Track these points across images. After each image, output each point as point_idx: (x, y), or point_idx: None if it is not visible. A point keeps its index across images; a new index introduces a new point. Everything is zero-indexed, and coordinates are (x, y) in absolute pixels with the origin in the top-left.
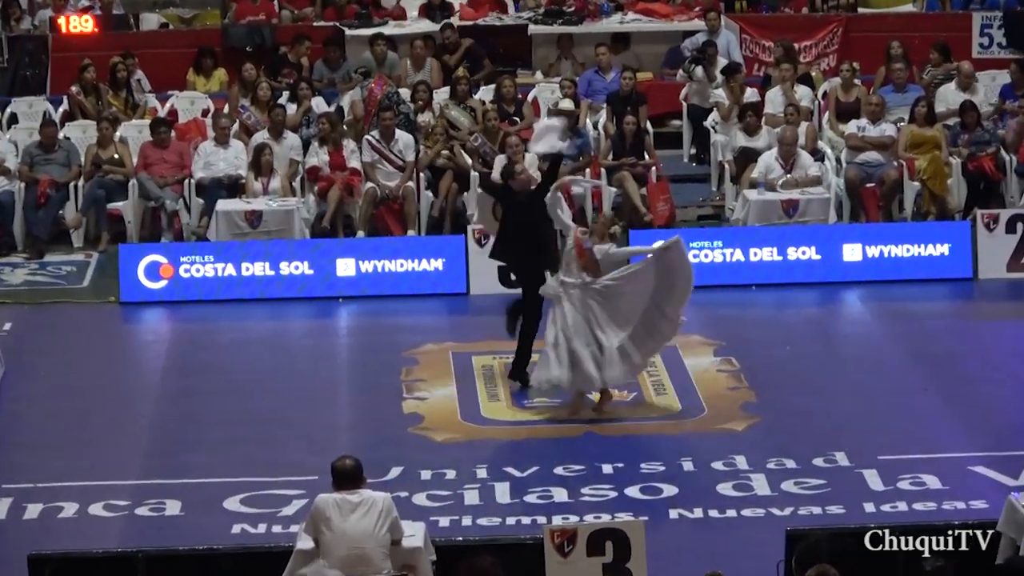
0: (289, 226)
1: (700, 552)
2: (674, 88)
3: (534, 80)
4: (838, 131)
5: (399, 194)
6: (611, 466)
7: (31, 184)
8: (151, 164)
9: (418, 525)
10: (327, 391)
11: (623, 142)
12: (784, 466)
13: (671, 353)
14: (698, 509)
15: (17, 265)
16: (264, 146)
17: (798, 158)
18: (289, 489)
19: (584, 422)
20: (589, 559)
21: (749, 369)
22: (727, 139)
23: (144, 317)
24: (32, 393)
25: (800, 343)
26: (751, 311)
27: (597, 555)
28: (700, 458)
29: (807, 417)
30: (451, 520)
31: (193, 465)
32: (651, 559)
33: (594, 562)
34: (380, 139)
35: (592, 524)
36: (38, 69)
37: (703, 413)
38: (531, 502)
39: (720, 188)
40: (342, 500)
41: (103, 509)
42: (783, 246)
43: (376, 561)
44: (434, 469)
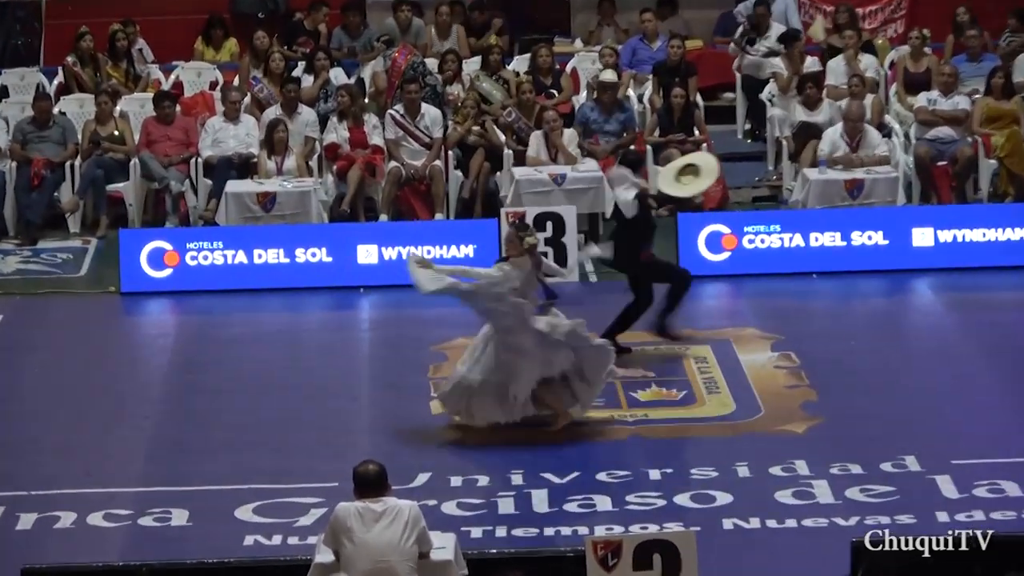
0: (305, 209)
1: (756, 566)
2: (726, 57)
3: (573, 49)
4: (907, 104)
5: (425, 174)
6: (659, 472)
7: (23, 164)
8: (154, 142)
9: (448, 536)
10: (347, 390)
11: (670, 117)
12: (848, 471)
13: (724, 348)
14: (754, 519)
15: (8, 252)
16: (278, 122)
17: (864, 134)
18: (306, 497)
19: (629, 424)
20: (635, 573)
21: (810, 365)
22: (785, 113)
23: (147, 309)
24: (25, 392)
25: (865, 337)
26: (812, 302)
27: (644, 569)
28: (756, 463)
29: (874, 418)
30: (484, 531)
31: (201, 471)
32: (703, 574)
33: None
34: (405, 114)
35: (638, 535)
36: (30, 38)
37: (759, 414)
38: (571, 511)
39: (777, 167)
40: (365, 509)
41: (103, 519)
42: (846, 230)
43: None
44: (465, 475)
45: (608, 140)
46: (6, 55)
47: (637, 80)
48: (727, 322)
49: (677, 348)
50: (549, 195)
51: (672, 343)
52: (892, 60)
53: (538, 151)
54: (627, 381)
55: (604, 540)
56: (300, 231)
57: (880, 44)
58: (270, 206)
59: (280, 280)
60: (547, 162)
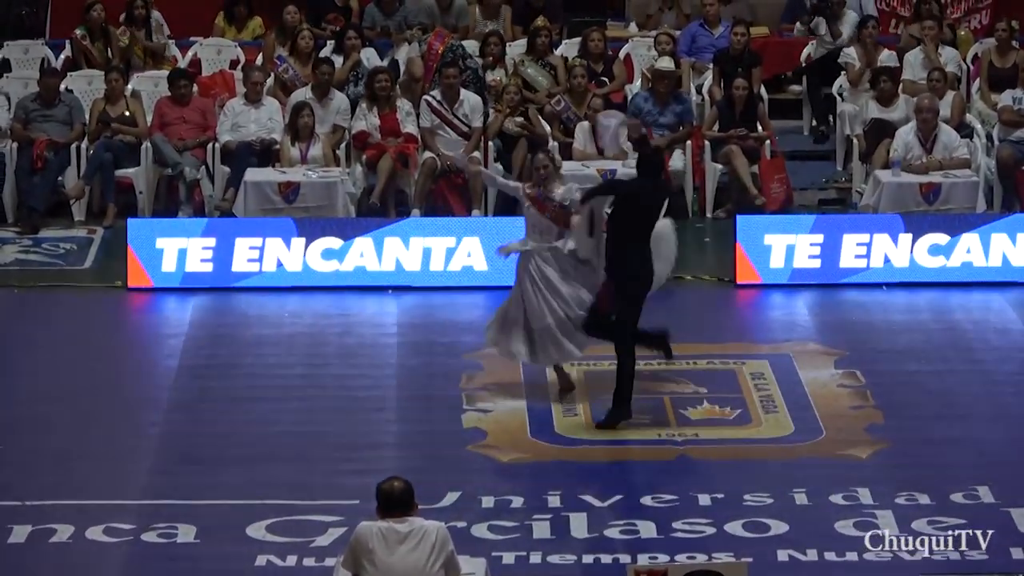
0: (331, 202)
1: None
2: (794, 46)
3: (627, 34)
4: (990, 103)
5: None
6: (709, 497)
7: (25, 145)
8: (168, 124)
9: (478, 561)
10: (372, 400)
11: (732, 110)
12: (916, 501)
13: (784, 363)
14: (812, 551)
15: (7, 241)
16: (303, 105)
17: (940, 134)
18: (325, 515)
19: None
20: None
21: (876, 385)
22: (856, 109)
23: (156, 306)
24: (21, 395)
25: (938, 355)
26: (880, 315)
27: None
28: (815, 489)
29: (944, 444)
30: (517, 556)
31: (211, 484)
32: None
33: None
34: (442, 100)
35: (685, 565)
36: (35, 8)
37: (820, 436)
38: (612, 537)
39: (847, 167)
40: (388, 530)
41: (103, 533)
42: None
43: None
44: (498, 495)
45: (662, 134)
46: (8, 26)
47: (696, 69)
48: (787, 335)
49: (732, 363)
50: None
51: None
52: (975, 54)
53: (585, 144)
54: (677, 397)
55: (648, 570)
56: (325, 225)
57: (962, 36)
58: (293, 197)
59: (302, 278)
60: (595, 156)
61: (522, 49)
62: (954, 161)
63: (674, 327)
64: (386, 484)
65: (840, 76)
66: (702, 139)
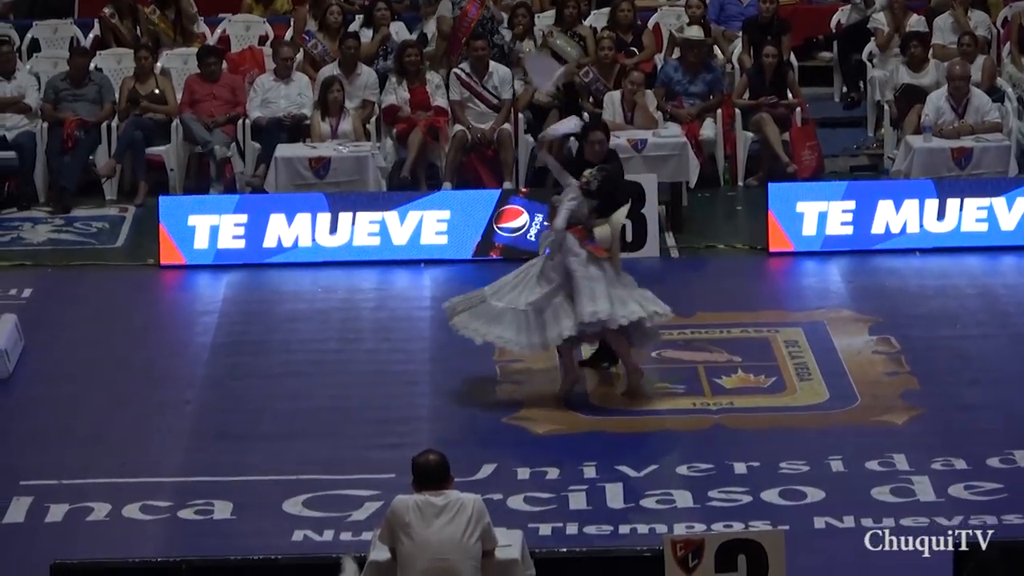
0: (362, 176)
1: (850, 569)
2: (824, 12)
3: (656, 3)
4: (1021, 66)
5: (493, 138)
6: (745, 465)
7: (56, 124)
8: (198, 101)
9: (514, 533)
10: (406, 373)
11: (762, 78)
12: (952, 467)
13: (818, 330)
14: (848, 517)
15: (39, 221)
16: (333, 80)
17: (972, 98)
18: (361, 489)
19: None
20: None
21: (911, 351)
22: (887, 75)
23: (189, 284)
24: (56, 373)
25: (972, 320)
26: (913, 281)
27: (727, 571)
28: (851, 456)
29: (981, 409)
30: (553, 528)
31: (247, 460)
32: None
33: None
34: (471, 73)
35: (722, 534)
36: None
37: (855, 403)
38: (649, 507)
39: (878, 133)
40: (424, 503)
41: (140, 511)
42: None
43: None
44: (533, 467)
45: (693, 103)
46: (37, 5)
47: (725, 37)
48: (820, 303)
49: (766, 331)
50: (628, 162)
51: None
52: (1005, 17)
53: (614, 114)
54: (711, 366)
55: (684, 539)
56: (356, 200)
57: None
58: (324, 172)
59: (335, 253)
60: (624, 126)
61: (551, 20)
62: (985, 125)
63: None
64: (421, 457)
65: (870, 42)
66: (733, 107)
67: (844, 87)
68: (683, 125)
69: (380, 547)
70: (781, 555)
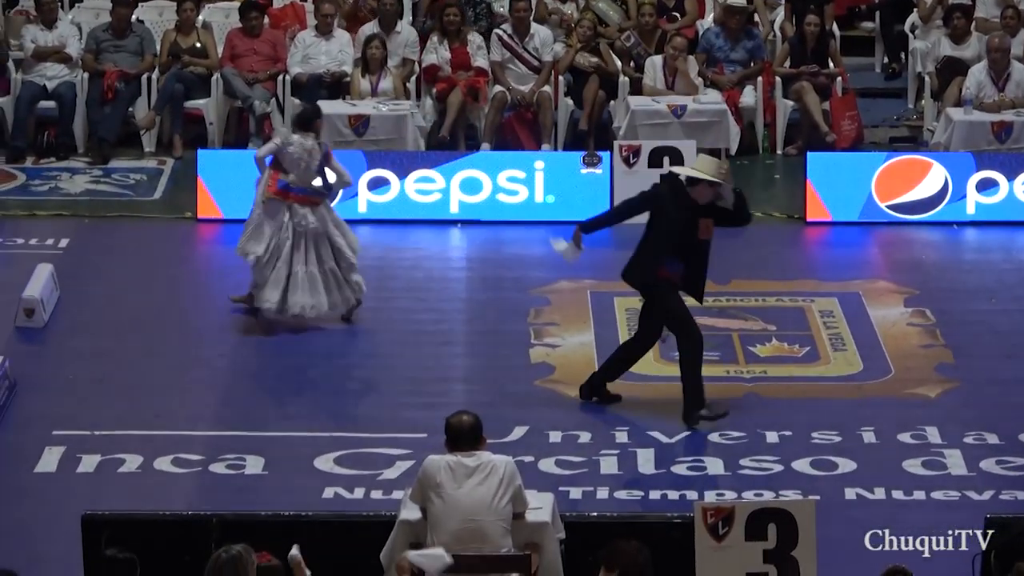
0: (401, 135)
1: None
2: None
3: None
4: None
5: (533, 100)
6: (776, 434)
7: (96, 75)
8: (239, 56)
9: (545, 496)
10: (440, 333)
11: (803, 46)
12: (984, 441)
13: (853, 301)
14: (879, 489)
15: (77, 171)
16: (373, 37)
17: (1013, 72)
18: (393, 448)
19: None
20: (748, 544)
21: (946, 324)
22: (929, 46)
23: (225, 238)
24: (90, 324)
25: (1009, 294)
26: (950, 254)
27: (758, 539)
28: (884, 428)
29: (1015, 384)
30: (584, 492)
31: (279, 416)
32: (822, 546)
33: (754, 547)
34: (512, 34)
35: (752, 502)
36: None
37: (889, 375)
38: (680, 474)
39: (918, 105)
40: (456, 463)
41: (171, 464)
42: None
43: (494, 537)
44: (565, 430)
45: (734, 70)
46: None
47: (768, 5)
48: (856, 273)
49: (801, 300)
50: (667, 128)
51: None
52: None
53: (655, 79)
54: (745, 334)
55: (715, 507)
56: (394, 158)
57: None
58: (363, 130)
59: (370, 211)
60: (665, 91)
61: None
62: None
63: (744, 264)
64: (454, 418)
65: (912, 13)
66: (773, 75)
67: (885, 58)
68: (723, 92)
69: (411, 506)
70: (812, 525)
